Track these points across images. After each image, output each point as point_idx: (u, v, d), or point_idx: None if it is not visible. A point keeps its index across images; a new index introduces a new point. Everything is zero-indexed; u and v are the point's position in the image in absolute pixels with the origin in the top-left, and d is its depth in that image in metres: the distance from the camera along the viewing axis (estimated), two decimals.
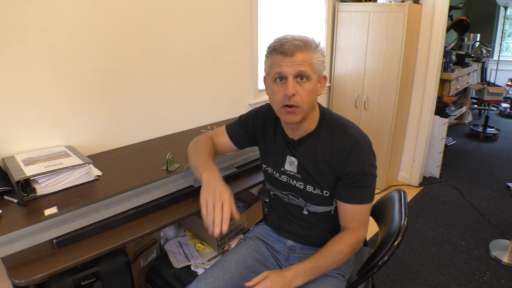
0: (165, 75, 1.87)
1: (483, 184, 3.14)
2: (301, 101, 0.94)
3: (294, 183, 1.10)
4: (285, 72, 0.93)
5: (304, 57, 0.93)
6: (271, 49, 0.96)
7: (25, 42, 1.35)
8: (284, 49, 0.92)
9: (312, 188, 1.06)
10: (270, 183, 1.20)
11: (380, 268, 1.02)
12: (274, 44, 0.95)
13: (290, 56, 0.92)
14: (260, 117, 1.17)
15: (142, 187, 1.17)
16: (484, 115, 4.52)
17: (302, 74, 0.93)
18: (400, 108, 2.82)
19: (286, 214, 1.19)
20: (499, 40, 5.84)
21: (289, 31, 2.63)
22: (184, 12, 1.87)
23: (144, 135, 1.85)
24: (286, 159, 1.10)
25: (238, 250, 1.18)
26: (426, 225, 2.51)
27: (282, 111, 0.97)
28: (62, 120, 1.53)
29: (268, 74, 0.99)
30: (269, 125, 1.15)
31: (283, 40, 0.94)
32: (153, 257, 1.62)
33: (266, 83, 1.03)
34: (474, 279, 1.97)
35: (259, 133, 1.17)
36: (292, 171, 1.09)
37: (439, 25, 2.67)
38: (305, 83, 0.94)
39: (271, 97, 1.00)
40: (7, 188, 1.22)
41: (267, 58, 0.99)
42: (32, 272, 0.87)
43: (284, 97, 0.94)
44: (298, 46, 0.92)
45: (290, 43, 0.92)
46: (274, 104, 0.99)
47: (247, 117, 1.21)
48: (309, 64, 0.93)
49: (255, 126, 1.18)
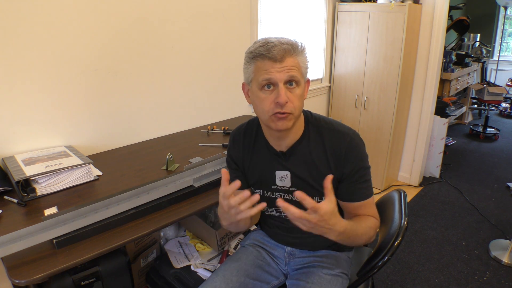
0: (165, 75, 1.87)
1: (483, 184, 3.13)
2: (293, 108, 0.90)
3: (290, 198, 1.06)
4: (275, 78, 0.87)
5: (293, 61, 0.89)
6: (256, 54, 0.89)
7: (25, 42, 1.35)
8: (272, 54, 0.86)
9: (311, 198, 1.04)
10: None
11: (380, 269, 1.02)
12: (260, 48, 0.88)
13: (279, 61, 0.87)
14: (238, 144, 1.12)
15: (142, 187, 1.17)
16: (484, 115, 4.52)
17: (292, 79, 0.89)
18: (400, 108, 2.82)
19: (284, 227, 1.16)
20: (499, 40, 5.84)
21: (289, 31, 2.63)
22: (184, 12, 1.87)
23: (144, 135, 1.85)
24: (276, 175, 1.05)
25: (239, 258, 1.16)
26: (426, 225, 2.51)
27: (273, 119, 0.91)
28: (62, 120, 1.53)
29: (252, 81, 0.93)
30: (249, 144, 1.09)
31: (269, 44, 0.88)
32: (153, 257, 1.62)
33: (247, 91, 0.98)
34: (474, 279, 1.97)
35: (246, 156, 1.10)
36: (285, 186, 1.05)
37: (439, 25, 2.67)
38: (295, 89, 0.90)
39: (259, 105, 0.93)
40: (7, 188, 1.22)
41: (249, 64, 0.92)
42: (32, 272, 0.86)
43: (275, 105, 0.89)
44: (287, 50, 0.87)
45: (279, 48, 0.86)
46: (263, 112, 0.93)
47: (228, 156, 1.15)
48: (298, 69, 0.90)
49: (239, 156, 1.11)
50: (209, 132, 1.95)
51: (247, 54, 0.93)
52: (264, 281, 1.13)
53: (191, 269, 1.47)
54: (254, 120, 1.12)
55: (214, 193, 1.29)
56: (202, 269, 1.47)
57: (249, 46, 0.94)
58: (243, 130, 1.12)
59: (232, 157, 1.14)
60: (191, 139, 1.85)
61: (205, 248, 1.63)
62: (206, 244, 1.64)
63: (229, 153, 1.16)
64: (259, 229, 1.32)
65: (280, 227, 1.17)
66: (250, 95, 0.97)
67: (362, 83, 2.91)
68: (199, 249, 1.61)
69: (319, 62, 3.04)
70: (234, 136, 1.15)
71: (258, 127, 1.08)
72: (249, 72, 0.93)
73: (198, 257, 1.56)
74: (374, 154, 2.93)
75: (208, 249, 1.62)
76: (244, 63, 0.95)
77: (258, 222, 1.34)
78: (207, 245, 1.64)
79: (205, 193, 1.29)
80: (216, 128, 1.98)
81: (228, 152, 1.16)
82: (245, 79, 0.97)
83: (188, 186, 1.26)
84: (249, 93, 0.98)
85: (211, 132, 1.94)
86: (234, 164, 1.14)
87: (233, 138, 1.15)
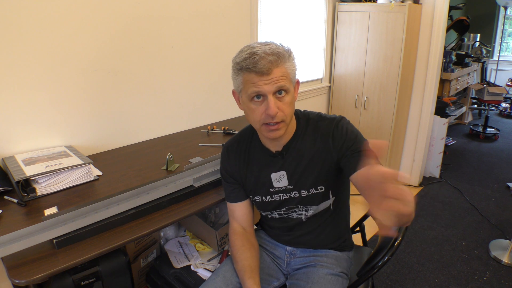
0: (165, 75, 1.87)
1: (483, 184, 3.13)
2: (284, 116, 0.91)
3: (288, 195, 1.07)
4: (263, 91, 0.88)
5: (281, 71, 0.88)
6: (242, 67, 0.89)
7: (25, 42, 1.35)
8: (259, 68, 0.86)
9: (306, 191, 1.05)
10: (263, 209, 1.15)
11: (380, 269, 1.02)
12: (246, 62, 0.88)
13: (266, 74, 0.87)
14: (232, 154, 1.12)
15: (142, 187, 1.17)
16: (484, 115, 4.52)
17: (281, 89, 0.89)
18: (400, 108, 2.82)
19: (284, 227, 1.16)
20: (499, 40, 5.84)
21: (289, 31, 2.63)
22: (184, 12, 1.87)
23: (144, 135, 1.85)
24: (272, 177, 1.06)
25: None
26: (426, 225, 2.51)
27: (264, 129, 0.93)
28: (62, 120, 1.53)
29: (242, 91, 0.94)
30: (244, 150, 1.10)
31: (254, 56, 0.86)
32: (153, 257, 1.62)
33: (238, 97, 0.99)
34: (474, 279, 1.97)
35: (242, 165, 1.11)
36: (283, 186, 1.06)
37: (439, 25, 2.67)
38: (285, 97, 0.91)
39: (250, 115, 0.94)
40: (7, 188, 1.22)
41: (237, 75, 0.92)
42: (32, 272, 0.86)
43: (265, 116, 0.90)
44: (274, 62, 0.87)
45: (265, 60, 0.86)
46: (254, 122, 0.95)
47: (223, 168, 1.15)
48: (285, 77, 0.89)
49: (234, 167, 1.12)
50: (209, 132, 1.95)
51: (233, 64, 0.93)
52: (264, 282, 1.13)
53: (191, 269, 1.47)
54: (248, 128, 1.13)
55: (214, 193, 1.29)
56: (202, 269, 1.47)
57: (236, 54, 0.94)
58: (237, 140, 1.13)
59: (227, 171, 1.14)
60: (191, 139, 1.85)
61: (205, 248, 1.62)
62: (206, 244, 1.64)
63: (223, 166, 1.15)
64: (260, 229, 1.32)
65: (281, 227, 1.17)
66: (241, 103, 0.98)
67: (362, 83, 2.91)
68: (199, 249, 1.61)
69: (319, 62, 3.04)
70: (227, 147, 1.14)
71: (254, 133, 1.09)
72: (238, 82, 0.94)
73: (198, 257, 1.55)
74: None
75: (208, 249, 1.62)
76: (232, 72, 0.95)
77: (259, 222, 1.34)
78: (207, 245, 1.64)
79: (205, 193, 1.29)
80: (216, 128, 1.98)
81: (222, 165, 1.16)
82: (234, 87, 0.98)
83: (188, 186, 1.26)
84: (240, 101, 0.99)
85: (211, 132, 1.94)
86: (229, 177, 1.13)
87: (226, 150, 1.14)
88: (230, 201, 1.15)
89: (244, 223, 1.14)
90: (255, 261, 1.07)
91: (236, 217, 1.15)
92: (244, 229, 1.14)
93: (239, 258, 1.07)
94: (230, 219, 1.17)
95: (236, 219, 1.15)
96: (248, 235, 1.13)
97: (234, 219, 1.15)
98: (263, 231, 1.29)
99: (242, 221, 1.14)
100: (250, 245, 1.10)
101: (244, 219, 1.14)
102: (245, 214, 1.15)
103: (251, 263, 1.05)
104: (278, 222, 1.16)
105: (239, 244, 1.09)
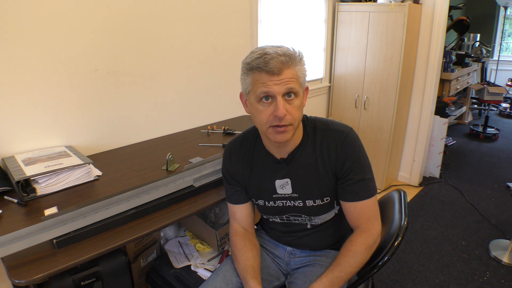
0: (165, 75, 1.87)
1: (483, 184, 3.13)
2: (292, 119, 0.89)
3: (292, 204, 1.06)
4: (273, 91, 0.86)
5: (291, 73, 0.87)
6: (253, 66, 0.87)
7: (25, 42, 1.35)
8: (270, 67, 0.85)
9: (312, 201, 1.04)
10: (266, 213, 1.14)
11: (380, 269, 1.02)
12: (257, 61, 0.87)
13: (277, 74, 0.85)
14: (235, 156, 1.10)
15: (142, 187, 1.17)
16: (484, 115, 4.52)
17: (291, 91, 0.88)
18: (400, 108, 2.82)
19: (286, 230, 1.16)
20: (499, 40, 5.84)
21: (289, 31, 2.63)
22: (184, 12, 1.87)
23: (144, 135, 1.85)
24: (276, 184, 1.05)
25: None
26: (426, 225, 2.51)
27: (271, 131, 0.91)
28: (62, 120, 1.53)
29: (250, 92, 0.92)
30: (248, 154, 1.08)
31: (266, 56, 0.86)
32: (153, 257, 1.62)
33: (245, 100, 0.97)
34: (474, 279, 1.97)
35: (245, 168, 1.09)
36: (286, 193, 1.05)
37: (439, 25, 2.67)
38: (294, 100, 0.89)
39: (257, 117, 0.92)
40: (7, 188, 1.22)
41: (247, 76, 0.91)
42: (32, 272, 0.86)
43: (273, 117, 0.88)
44: (285, 62, 0.86)
45: (276, 60, 0.85)
46: (261, 124, 0.92)
47: (225, 170, 1.13)
48: (296, 80, 0.88)
49: (237, 169, 1.10)
50: (209, 132, 1.95)
51: (243, 65, 0.92)
52: (265, 282, 1.13)
53: (191, 269, 1.47)
54: (251, 130, 1.11)
55: (214, 193, 1.29)
56: (202, 269, 1.47)
57: (246, 56, 0.93)
58: (240, 141, 1.11)
59: (229, 172, 1.12)
60: (191, 139, 1.85)
61: (205, 248, 1.62)
62: (206, 244, 1.64)
63: (225, 167, 1.13)
64: (260, 228, 1.32)
65: (283, 230, 1.17)
66: (249, 105, 0.96)
67: (362, 83, 2.91)
68: (199, 249, 1.61)
69: (319, 62, 3.04)
70: (230, 149, 1.13)
71: (258, 137, 1.07)
72: (247, 83, 0.92)
73: (198, 257, 1.55)
74: (374, 154, 2.93)
75: (208, 249, 1.62)
76: (241, 73, 0.94)
77: (259, 222, 1.34)
78: (207, 245, 1.64)
79: (205, 193, 1.29)
80: (216, 128, 1.98)
81: (224, 166, 1.14)
82: (242, 89, 0.96)
83: (188, 186, 1.26)
84: (247, 104, 0.97)
85: (211, 132, 1.94)
86: (231, 179, 1.12)
87: (229, 151, 1.12)
88: (231, 202, 1.14)
89: (245, 224, 1.14)
90: (257, 261, 1.07)
91: (237, 218, 1.15)
92: (245, 230, 1.14)
93: (241, 258, 1.07)
94: (231, 219, 1.16)
95: (237, 220, 1.15)
96: (249, 236, 1.12)
97: (235, 220, 1.15)
98: (263, 231, 1.29)
99: (243, 222, 1.14)
100: (252, 245, 1.10)
101: (245, 220, 1.14)
102: (246, 216, 1.14)
103: (253, 263, 1.05)
104: (280, 225, 1.16)
105: (241, 244, 1.09)
